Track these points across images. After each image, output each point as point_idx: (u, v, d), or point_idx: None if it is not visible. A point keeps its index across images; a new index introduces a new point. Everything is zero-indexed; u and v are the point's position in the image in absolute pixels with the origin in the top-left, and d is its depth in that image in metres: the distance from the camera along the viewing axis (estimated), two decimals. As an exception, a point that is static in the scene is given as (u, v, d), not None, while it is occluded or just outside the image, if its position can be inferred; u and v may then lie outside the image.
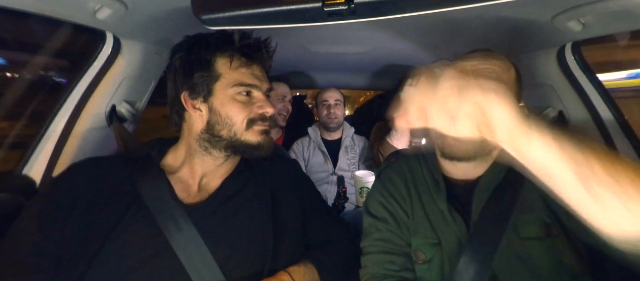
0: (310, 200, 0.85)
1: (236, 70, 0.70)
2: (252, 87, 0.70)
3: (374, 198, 0.78)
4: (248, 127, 0.69)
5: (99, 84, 0.94)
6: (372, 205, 0.78)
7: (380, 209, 0.75)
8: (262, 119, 0.71)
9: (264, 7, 0.59)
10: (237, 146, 0.71)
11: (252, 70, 0.71)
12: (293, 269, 0.68)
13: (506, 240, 0.63)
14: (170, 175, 0.71)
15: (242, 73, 0.70)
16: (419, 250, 0.69)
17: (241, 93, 0.70)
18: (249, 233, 0.68)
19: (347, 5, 0.55)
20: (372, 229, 0.75)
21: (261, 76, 0.73)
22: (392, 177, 0.78)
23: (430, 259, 0.67)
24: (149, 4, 0.75)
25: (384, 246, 0.72)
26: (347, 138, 1.73)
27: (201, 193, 0.71)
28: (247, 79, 0.70)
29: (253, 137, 0.70)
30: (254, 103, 0.71)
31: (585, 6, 0.68)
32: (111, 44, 0.91)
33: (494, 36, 0.99)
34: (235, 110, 0.69)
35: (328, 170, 1.65)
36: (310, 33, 1.15)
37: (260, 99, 0.72)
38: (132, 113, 1.05)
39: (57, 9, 0.69)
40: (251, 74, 0.71)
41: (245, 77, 0.70)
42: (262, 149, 0.71)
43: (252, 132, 0.70)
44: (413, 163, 0.79)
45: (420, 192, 0.74)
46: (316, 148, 1.70)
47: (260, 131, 0.71)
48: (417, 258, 0.69)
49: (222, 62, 0.69)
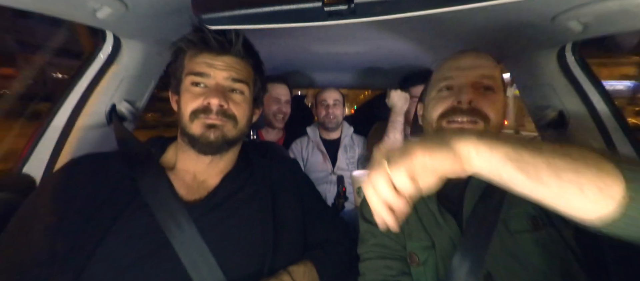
0: (310, 199, 0.85)
1: (191, 59, 0.69)
2: (200, 75, 0.67)
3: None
4: (192, 119, 0.67)
5: (99, 83, 0.94)
6: (368, 210, 0.76)
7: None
8: (205, 111, 0.67)
9: (264, 6, 0.59)
10: (189, 139, 0.68)
11: (206, 58, 0.68)
12: (293, 269, 0.68)
13: (498, 237, 0.63)
14: (170, 172, 0.71)
15: (195, 62, 0.68)
16: (413, 253, 0.68)
17: (193, 83, 0.68)
18: (248, 231, 0.68)
19: (347, 5, 0.55)
20: (367, 235, 0.74)
21: (221, 65, 0.68)
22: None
23: (425, 261, 0.67)
24: (149, 4, 0.75)
25: (380, 252, 0.71)
26: (346, 138, 1.73)
27: (200, 191, 0.70)
28: (197, 67, 0.68)
29: (196, 129, 0.67)
30: (204, 92, 0.67)
31: (585, 6, 0.68)
32: (111, 43, 0.91)
33: (494, 36, 0.99)
34: (184, 101, 0.68)
35: (327, 169, 1.65)
36: (310, 33, 1.15)
37: (209, 90, 0.68)
38: (132, 112, 1.05)
39: (57, 8, 0.69)
40: (203, 62, 0.68)
41: (196, 65, 0.68)
42: (203, 143, 0.67)
43: (195, 124, 0.67)
44: None
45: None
46: (315, 147, 1.70)
47: (203, 124, 0.67)
48: (412, 260, 0.69)
49: (188, 54, 0.70)
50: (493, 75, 0.69)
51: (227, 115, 0.68)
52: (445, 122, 0.68)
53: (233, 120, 0.69)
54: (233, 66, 0.70)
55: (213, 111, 0.67)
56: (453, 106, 0.67)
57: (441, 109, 0.69)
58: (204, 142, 0.67)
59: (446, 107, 0.68)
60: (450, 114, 0.67)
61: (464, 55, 0.72)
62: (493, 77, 0.68)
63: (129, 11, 0.75)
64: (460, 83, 0.69)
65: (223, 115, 0.68)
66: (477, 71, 0.68)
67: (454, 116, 0.67)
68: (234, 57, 0.70)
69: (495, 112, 0.66)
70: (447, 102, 0.69)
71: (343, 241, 0.83)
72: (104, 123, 1.00)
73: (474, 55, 0.71)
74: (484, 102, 0.66)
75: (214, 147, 0.68)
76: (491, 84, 0.68)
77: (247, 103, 0.73)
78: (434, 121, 0.70)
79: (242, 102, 0.72)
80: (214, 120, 0.67)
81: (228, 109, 0.68)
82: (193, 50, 0.69)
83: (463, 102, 0.66)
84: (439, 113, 0.69)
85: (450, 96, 0.69)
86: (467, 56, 0.71)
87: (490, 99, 0.67)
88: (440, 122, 0.69)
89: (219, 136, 0.68)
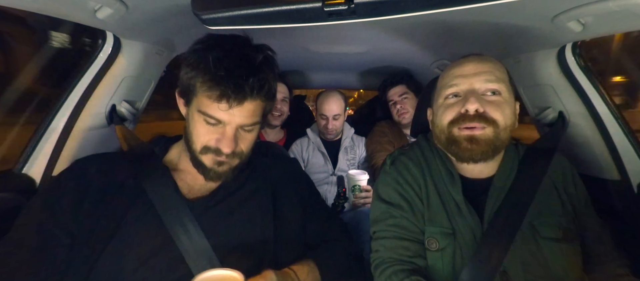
0: (310, 198, 0.85)
1: (205, 94, 0.62)
2: (211, 117, 0.63)
3: (389, 186, 0.78)
4: (203, 152, 0.66)
5: (99, 84, 0.95)
6: (386, 191, 0.78)
7: (396, 196, 0.76)
8: (216, 152, 0.66)
9: (264, 7, 0.59)
10: (196, 164, 0.68)
11: (222, 105, 0.61)
12: (297, 267, 0.69)
13: (523, 238, 0.67)
14: (174, 171, 0.72)
15: (209, 104, 0.62)
16: (433, 238, 0.70)
17: (206, 121, 0.64)
18: (249, 228, 0.69)
19: (347, 5, 0.55)
20: (386, 215, 0.75)
21: (237, 113, 0.63)
22: (408, 165, 0.79)
23: (444, 248, 0.69)
24: (149, 4, 0.75)
25: (398, 232, 0.72)
26: (346, 139, 1.72)
27: (203, 190, 0.72)
28: (211, 111, 0.62)
29: (206, 161, 0.67)
30: (218, 131, 0.65)
31: (585, 6, 0.68)
32: (111, 43, 0.91)
33: (494, 36, 0.99)
34: (197, 131, 0.66)
35: (328, 170, 1.65)
36: (310, 33, 1.15)
37: (223, 133, 0.65)
38: (132, 113, 1.05)
39: (57, 8, 0.69)
40: (218, 108, 0.62)
41: (210, 108, 0.62)
42: (212, 176, 0.68)
43: (206, 157, 0.67)
44: (427, 153, 0.80)
45: (436, 181, 0.75)
46: (315, 148, 1.70)
47: (213, 160, 0.66)
48: (430, 245, 0.70)
49: (200, 80, 0.62)
50: (498, 78, 0.70)
51: (235, 154, 0.68)
52: (456, 129, 0.70)
53: (240, 156, 0.69)
54: (249, 109, 0.65)
55: (223, 153, 0.65)
56: (461, 113, 0.69)
57: (450, 116, 0.71)
58: (213, 175, 0.68)
59: (455, 115, 0.70)
60: (460, 121, 0.69)
61: (468, 60, 0.73)
62: (498, 80, 0.69)
63: (129, 11, 0.75)
64: (466, 90, 0.70)
65: (233, 155, 0.67)
66: (482, 77, 0.69)
67: (464, 123, 0.69)
68: (252, 100, 0.64)
69: (503, 116, 0.68)
70: (455, 109, 0.70)
71: (343, 241, 0.84)
72: (104, 123, 1.00)
73: (477, 60, 0.72)
74: (490, 107, 0.68)
75: (222, 177, 0.69)
76: (497, 88, 0.69)
77: (256, 133, 0.72)
78: (445, 128, 0.72)
79: (252, 137, 0.70)
80: (224, 160, 0.67)
81: (237, 148, 0.67)
82: (207, 84, 0.61)
83: (470, 111, 0.67)
84: (449, 121, 0.71)
85: (458, 103, 0.70)
86: (471, 62, 0.72)
87: (496, 103, 0.68)
88: (451, 128, 0.71)
89: (227, 170, 0.69)
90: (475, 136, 0.67)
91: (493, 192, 0.71)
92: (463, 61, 0.74)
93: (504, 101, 0.69)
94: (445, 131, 0.72)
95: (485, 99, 0.68)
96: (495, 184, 0.72)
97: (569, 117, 1.01)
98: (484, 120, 0.67)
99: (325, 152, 1.67)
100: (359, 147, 1.74)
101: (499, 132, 0.68)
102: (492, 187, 0.71)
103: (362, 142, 1.76)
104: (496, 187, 0.71)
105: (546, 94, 1.05)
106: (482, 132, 0.67)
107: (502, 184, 0.72)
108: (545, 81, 1.02)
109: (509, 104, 0.70)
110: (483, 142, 0.67)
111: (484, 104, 0.67)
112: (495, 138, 0.68)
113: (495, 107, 0.68)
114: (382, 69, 1.78)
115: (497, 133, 0.67)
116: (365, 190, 1.28)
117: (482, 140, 0.67)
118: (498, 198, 0.70)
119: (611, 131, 0.95)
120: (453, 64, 0.76)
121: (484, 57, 0.73)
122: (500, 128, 0.68)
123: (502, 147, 0.70)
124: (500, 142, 0.69)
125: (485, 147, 0.67)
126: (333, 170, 1.64)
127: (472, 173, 0.75)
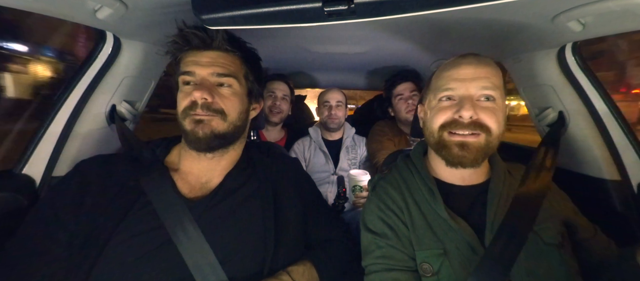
0: (311, 198, 0.85)
1: (182, 60, 0.72)
2: (188, 74, 0.69)
3: (372, 213, 0.75)
4: (183, 117, 0.69)
5: (99, 84, 0.95)
6: (371, 220, 0.74)
7: (380, 224, 0.72)
8: (192, 107, 0.68)
9: (264, 7, 0.59)
10: (184, 137, 0.71)
11: (191, 56, 0.70)
12: (292, 268, 0.69)
13: (527, 246, 0.63)
14: (174, 172, 0.72)
15: (184, 62, 0.71)
16: (425, 263, 0.65)
17: (184, 82, 0.70)
18: (250, 228, 0.69)
19: (347, 5, 0.55)
20: (372, 246, 0.71)
21: (205, 61, 0.70)
22: (387, 190, 0.76)
23: (438, 270, 0.64)
24: (149, 4, 0.75)
25: (386, 264, 0.68)
26: (348, 139, 1.73)
27: (203, 189, 0.72)
28: (184, 66, 0.70)
29: (187, 126, 0.69)
30: (193, 89, 0.68)
31: (585, 6, 0.68)
32: (111, 43, 0.91)
33: (494, 36, 0.99)
34: (178, 101, 0.71)
35: (329, 170, 1.65)
36: (310, 33, 1.15)
37: (197, 87, 0.68)
38: (132, 113, 1.05)
39: (57, 9, 0.69)
40: (189, 61, 0.70)
41: (184, 65, 0.70)
42: (193, 140, 0.68)
43: (186, 121, 0.68)
44: (405, 172, 0.78)
45: (417, 201, 0.72)
46: (317, 148, 1.70)
47: (191, 120, 0.68)
48: (424, 271, 0.65)
49: (180, 57, 0.72)
50: (494, 84, 0.67)
51: (214, 110, 0.68)
52: (447, 134, 0.68)
53: (221, 114, 0.69)
54: (218, 60, 0.70)
55: (198, 105, 0.67)
56: (454, 119, 0.67)
57: (442, 120, 0.69)
58: (193, 138, 0.68)
59: (447, 118, 0.68)
60: (452, 126, 0.67)
61: (465, 62, 0.70)
62: (494, 86, 0.67)
63: (129, 11, 0.75)
64: (461, 95, 0.68)
65: (208, 110, 0.68)
66: (478, 83, 0.67)
67: (456, 129, 0.67)
68: (218, 51, 0.71)
69: (496, 123, 0.66)
70: (448, 113, 0.68)
71: (343, 241, 0.84)
72: (104, 123, 1.00)
73: (474, 63, 0.69)
74: (484, 113, 0.66)
75: (204, 142, 0.68)
76: (492, 94, 0.67)
77: (236, 96, 0.72)
78: (435, 131, 0.70)
79: (231, 96, 0.71)
80: (200, 115, 0.67)
81: (214, 103, 0.68)
82: (183, 51, 0.71)
83: (464, 118, 0.65)
84: (440, 124, 0.69)
85: (451, 107, 0.68)
86: (468, 64, 0.69)
87: (491, 110, 0.66)
88: (441, 132, 0.69)
89: (208, 131, 0.68)
90: (467, 142, 0.66)
91: (491, 199, 0.68)
92: (460, 62, 0.71)
93: (498, 108, 0.67)
94: (436, 135, 0.70)
95: (479, 105, 0.67)
96: (492, 190, 0.69)
97: (569, 117, 1.01)
98: (478, 126, 0.65)
99: (327, 151, 1.68)
100: (360, 147, 1.75)
101: (491, 140, 0.66)
102: (490, 194, 0.69)
103: (363, 142, 1.77)
104: (493, 193, 0.69)
105: (546, 94, 1.04)
106: (474, 139, 0.66)
107: (498, 190, 0.70)
108: (546, 81, 1.02)
109: (502, 111, 0.68)
110: (474, 149, 0.66)
111: (478, 110, 0.66)
112: (487, 146, 0.66)
113: (489, 113, 0.66)
114: (382, 69, 1.78)
115: (488, 141, 0.66)
116: (366, 190, 1.29)
117: (473, 147, 0.66)
118: (497, 205, 0.68)
119: (611, 131, 0.95)
120: (449, 63, 0.73)
121: (481, 60, 0.70)
122: (493, 136, 0.66)
123: (491, 153, 0.69)
124: (490, 149, 0.67)
125: (476, 154, 0.66)
126: (334, 169, 1.65)
127: (463, 180, 0.73)
